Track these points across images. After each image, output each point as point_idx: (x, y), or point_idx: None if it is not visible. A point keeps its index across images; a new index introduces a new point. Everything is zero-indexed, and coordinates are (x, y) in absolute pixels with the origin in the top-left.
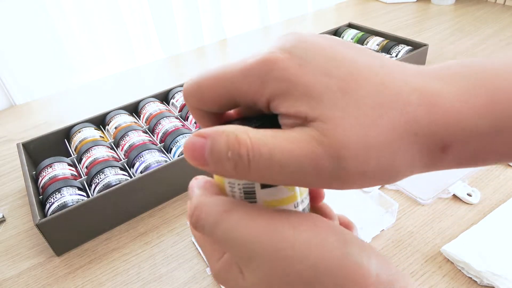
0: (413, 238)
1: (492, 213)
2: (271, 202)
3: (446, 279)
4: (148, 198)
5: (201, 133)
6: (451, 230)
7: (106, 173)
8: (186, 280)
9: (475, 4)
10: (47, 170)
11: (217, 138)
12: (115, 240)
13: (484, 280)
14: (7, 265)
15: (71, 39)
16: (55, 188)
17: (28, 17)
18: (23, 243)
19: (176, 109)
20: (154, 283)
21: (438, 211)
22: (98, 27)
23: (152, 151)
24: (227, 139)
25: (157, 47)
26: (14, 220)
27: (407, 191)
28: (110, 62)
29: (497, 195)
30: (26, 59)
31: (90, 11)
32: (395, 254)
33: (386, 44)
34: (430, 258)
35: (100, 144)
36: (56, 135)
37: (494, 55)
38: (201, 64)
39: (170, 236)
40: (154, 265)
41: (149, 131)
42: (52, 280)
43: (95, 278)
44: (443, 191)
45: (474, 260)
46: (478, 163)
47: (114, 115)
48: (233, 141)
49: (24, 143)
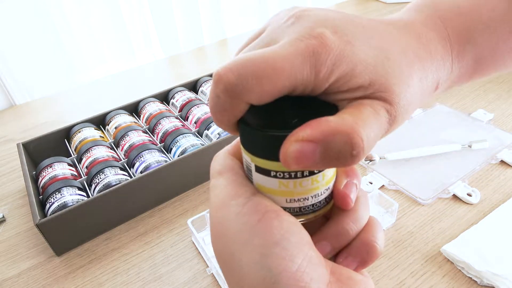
0: (413, 238)
1: (492, 213)
2: (261, 187)
3: (446, 279)
4: (148, 198)
5: (307, 137)
6: (451, 230)
7: (106, 173)
8: (186, 280)
9: None
10: (47, 170)
11: (331, 140)
12: (115, 240)
13: (484, 280)
14: (7, 265)
15: (71, 39)
16: (55, 188)
17: (28, 17)
18: (23, 243)
19: (176, 109)
20: (154, 283)
21: (438, 211)
22: (98, 27)
23: (152, 151)
24: (346, 139)
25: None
26: (14, 220)
27: (407, 191)
28: (110, 62)
29: (497, 195)
30: (26, 59)
31: (90, 11)
32: (395, 254)
33: None
34: (430, 258)
35: (100, 144)
36: (56, 135)
37: None
38: (201, 64)
39: (170, 236)
40: (154, 265)
41: (149, 131)
42: (52, 280)
43: (95, 278)
44: (443, 191)
45: (474, 260)
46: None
47: (114, 115)
48: (356, 140)
49: (24, 143)
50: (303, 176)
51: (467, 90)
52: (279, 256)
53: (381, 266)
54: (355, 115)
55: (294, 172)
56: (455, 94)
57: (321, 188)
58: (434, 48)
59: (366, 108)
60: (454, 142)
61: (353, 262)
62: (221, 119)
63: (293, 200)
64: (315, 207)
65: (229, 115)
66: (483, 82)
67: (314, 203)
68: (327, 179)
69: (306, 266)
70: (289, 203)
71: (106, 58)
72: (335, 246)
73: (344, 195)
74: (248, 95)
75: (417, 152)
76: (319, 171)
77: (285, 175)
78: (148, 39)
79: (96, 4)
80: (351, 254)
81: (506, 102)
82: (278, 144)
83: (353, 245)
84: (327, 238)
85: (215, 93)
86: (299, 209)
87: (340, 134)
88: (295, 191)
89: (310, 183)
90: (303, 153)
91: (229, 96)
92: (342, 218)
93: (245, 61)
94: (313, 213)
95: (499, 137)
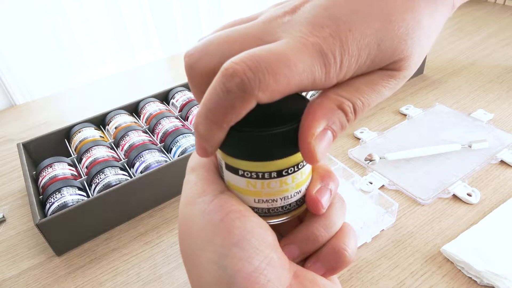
0: (413, 238)
1: (492, 213)
2: (231, 185)
3: (446, 279)
4: (148, 198)
5: (317, 129)
6: (451, 230)
7: (106, 173)
8: (186, 280)
9: (475, 4)
10: (47, 170)
11: (334, 118)
12: (115, 240)
13: (484, 280)
14: (7, 265)
15: (71, 39)
16: (55, 188)
17: (28, 17)
18: (23, 243)
19: (176, 109)
20: (154, 283)
21: (438, 211)
22: (98, 27)
23: (152, 151)
24: (340, 112)
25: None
26: (14, 220)
27: (407, 191)
28: (110, 62)
29: (497, 195)
30: (26, 59)
31: (90, 11)
32: (395, 254)
33: None
34: (430, 258)
35: (100, 144)
36: (56, 135)
37: (494, 55)
38: None
39: (170, 236)
40: (154, 265)
41: (149, 131)
42: (52, 280)
43: (95, 278)
44: (443, 191)
45: (474, 260)
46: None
47: (114, 115)
48: (345, 108)
49: (25, 143)
50: (270, 178)
51: (467, 90)
52: (236, 256)
53: (381, 266)
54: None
55: (262, 173)
56: (455, 94)
57: (291, 190)
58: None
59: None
60: (454, 142)
61: (321, 268)
62: (221, 120)
63: (261, 201)
64: (285, 209)
65: (234, 115)
66: (483, 82)
67: (284, 205)
68: (297, 182)
69: (264, 268)
70: (257, 203)
71: (106, 58)
72: (303, 251)
73: (315, 200)
74: (262, 91)
75: (417, 152)
76: (287, 174)
77: (253, 175)
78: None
79: (96, 4)
80: (320, 260)
81: (506, 102)
82: (246, 143)
83: (322, 251)
84: (296, 242)
85: (226, 87)
86: (267, 210)
87: (335, 109)
88: (263, 192)
89: (279, 185)
90: (327, 144)
91: (243, 91)
92: (312, 223)
93: (259, 56)
94: (284, 215)
95: (499, 137)
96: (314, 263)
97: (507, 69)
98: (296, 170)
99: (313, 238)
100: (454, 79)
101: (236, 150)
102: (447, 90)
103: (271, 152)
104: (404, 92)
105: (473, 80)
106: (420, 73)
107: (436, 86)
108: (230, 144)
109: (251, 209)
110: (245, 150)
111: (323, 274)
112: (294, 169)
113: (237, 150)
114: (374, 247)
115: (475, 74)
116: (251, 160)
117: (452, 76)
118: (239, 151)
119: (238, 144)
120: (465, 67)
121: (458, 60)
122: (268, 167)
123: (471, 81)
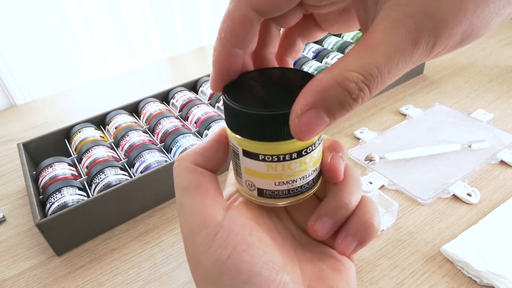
0: (413, 238)
1: (491, 213)
2: (249, 171)
3: (446, 279)
4: (148, 198)
5: (304, 107)
6: (451, 230)
7: (106, 173)
8: (186, 280)
9: None
10: (47, 170)
11: (327, 97)
12: (115, 240)
13: (484, 280)
14: (7, 265)
15: (71, 39)
16: (56, 188)
17: (29, 17)
18: (23, 243)
19: (176, 109)
20: (154, 283)
21: (438, 211)
22: (98, 27)
23: (152, 151)
24: (339, 89)
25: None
26: (15, 220)
27: (407, 191)
28: (110, 62)
29: (497, 195)
30: (26, 59)
31: (90, 11)
32: (395, 254)
33: None
34: (430, 258)
35: (100, 144)
36: (56, 135)
37: (494, 55)
38: (201, 64)
39: (170, 236)
40: (154, 265)
41: (149, 131)
42: (52, 280)
43: (95, 278)
44: (443, 191)
45: (474, 260)
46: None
47: (114, 115)
48: (349, 86)
49: (25, 143)
50: (291, 159)
51: (467, 90)
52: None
53: (381, 266)
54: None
55: (283, 155)
56: (455, 94)
57: (309, 169)
58: None
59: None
60: (454, 142)
61: (352, 242)
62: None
63: (282, 183)
64: (303, 188)
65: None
66: (483, 82)
67: (302, 184)
68: (314, 160)
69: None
70: (278, 185)
71: (106, 58)
72: (336, 221)
73: (332, 167)
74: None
75: (417, 152)
76: (306, 153)
77: (274, 158)
78: (148, 39)
79: (96, 4)
80: (350, 234)
81: (506, 102)
82: (266, 123)
83: (350, 224)
84: (328, 213)
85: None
86: (287, 191)
87: (332, 87)
88: (284, 174)
89: (299, 165)
90: (310, 123)
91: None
92: (338, 192)
93: None
94: (301, 194)
95: (499, 137)
96: (345, 238)
97: (507, 69)
98: (314, 149)
99: (343, 205)
100: (454, 79)
101: (255, 133)
102: (447, 90)
103: (285, 131)
104: (404, 92)
105: (473, 80)
106: (420, 73)
107: (436, 86)
108: (249, 128)
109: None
110: (265, 132)
111: (354, 247)
112: (312, 148)
113: (256, 132)
114: (374, 247)
115: (475, 74)
116: (272, 141)
117: (452, 76)
118: (259, 134)
119: (257, 127)
120: (465, 67)
121: (458, 60)
122: (289, 148)
123: (471, 81)
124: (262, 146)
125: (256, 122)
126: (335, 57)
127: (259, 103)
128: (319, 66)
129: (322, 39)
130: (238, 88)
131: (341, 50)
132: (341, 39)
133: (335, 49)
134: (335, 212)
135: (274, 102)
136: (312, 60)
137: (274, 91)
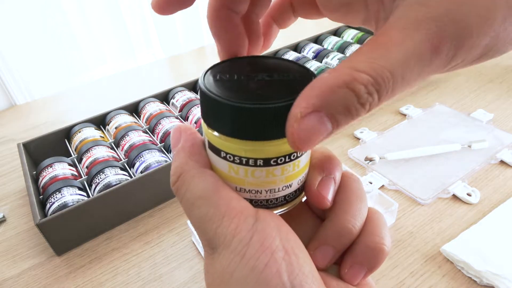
0: (413, 238)
1: (491, 213)
2: (214, 167)
3: (445, 279)
4: (148, 198)
5: (305, 111)
6: (451, 230)
7: (106, 173)
8: (186, 280)
9: None
10: (47, 170)
11: (332, 99)
12: (115, 240)
13: (484, 280)
14: (7, 265)
15: (71, 39)
16: (56, 188)
17: (29, 17)
18: (23, 243)
19: (176, 109)
20: (154, 283)
21: (438, 211)
22: (98, 27)
23: (152, 151)
24: (346, 91)
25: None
26: (15, 220)
27: (407, 191)
28: (110, 62)
29: (497, 195)
30: (26, 59)
31: (90, 11)
32: (395, 254)
33: None
34: (430, 258)
35: (100, 144)
36: (56, 135)
37: None
38: (201, 64)
39: (170, 236)
40: (154, 265)
41: (149, 131)
42: (53, 280)
43: (95, 278)
44: (443, 191)
45: (474, 260)
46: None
47: (114, 115)
48: (357, 88)
49: (25, 143)
50: (255, 166)
51: (467, 90)
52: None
53: (381, 266)
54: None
55: (246, 158)
56: (455, 94)
57: (279, 183)
58: None
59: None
60: (454, 142)
61: (360, 271)
62: None
63: (243, 190)
64: (270, 203)
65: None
66: (483, 82)
67: (269, 198)
68: (288, 175)
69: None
70: (240, 192)
71: (106, 58)
72: (338, 249)
73: (318, 196)
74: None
75: (417, 152)
76: (276, 164)
77: (235, 159)
78: (148, 39)
79: (96, 4)
80: (357, 262)
81: (506, 102)
82: (233, 116)
83: (357, 250)
84: (328, 241)
85: None
86: (250, 201)
87: (339, 87)
88: (246, 180)
89: (265, 175)
90: (311, 129)
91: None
92: (339, 215)
93: None
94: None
95: (498, 137)
96: (352, 267)
97: (507, 69)
98: (287, 161)
99: (346, 232)
100: (454, 79)
101: (218, 123)
102: (447, 90)
103: (253, 129)
104: (404, 92)
105: (473, 80)
106: None
107: (436, 86)
108: (213, 116)
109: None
110: (228, 124)
111: (363, 275)
112: (284, 160)
113: (219, 122)
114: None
115: (475, 74)
116: (234, 137)
117: (452, 76)
118: (221, 124)
119: (218, 115)
120: None
121: None
122: (255, 152)
123: (471, 81)
124: (225, 142)
125: (220, 111)
126: (335, 57)
127: (233, 91)
128: (319, 66)
129: (322, 39)
130: (218, 73)
131: (341, 50)
132: (341, 39)
133: (335, 49)
134: (336, 240)
135: (250, 93)
136: (312, 60)
137: (256, 81)
